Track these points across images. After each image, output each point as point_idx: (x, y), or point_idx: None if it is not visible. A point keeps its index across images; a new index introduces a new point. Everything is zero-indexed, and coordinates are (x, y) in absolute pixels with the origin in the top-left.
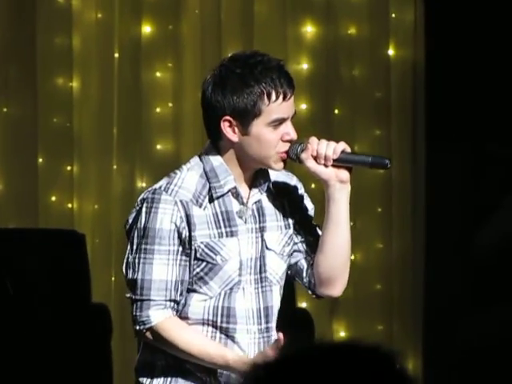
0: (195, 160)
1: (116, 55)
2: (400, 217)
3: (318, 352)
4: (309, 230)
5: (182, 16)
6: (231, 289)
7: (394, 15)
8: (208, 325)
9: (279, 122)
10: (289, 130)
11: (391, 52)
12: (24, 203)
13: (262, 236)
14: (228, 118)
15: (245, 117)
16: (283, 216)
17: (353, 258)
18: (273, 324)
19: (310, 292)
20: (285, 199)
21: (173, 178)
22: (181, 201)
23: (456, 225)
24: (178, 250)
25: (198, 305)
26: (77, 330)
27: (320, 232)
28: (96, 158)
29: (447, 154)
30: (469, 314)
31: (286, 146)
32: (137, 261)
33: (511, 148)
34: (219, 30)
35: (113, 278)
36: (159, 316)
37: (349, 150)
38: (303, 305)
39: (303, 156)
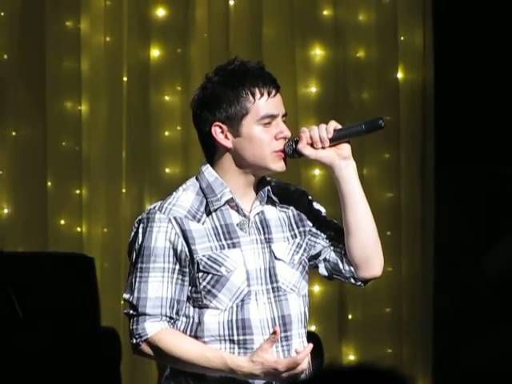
0: (191, 180)
1: (125, 79)
2: (409, 240)
3: (334, 376)
4: (326, 226)
5: (190, 39)
6: (242, 300)
7: (402, 38)
8: (225, 341)
9: (269, 118)
10: (281, 128)
11: (400, 75)
12: (33, 227)
13: (269, 247)
14: (218, 123)
15: (233, 118)
16: (289, 226)
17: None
18: (293, 332)
19: (353, 281)
20: (289, 210)
21: (168, 198)
22: (174, 217)
23: (465, 248)
24: (173, 269)
25: (211, 320)
26: (86, 355)
27: (339, 224)
28: (105, 181)
29: (456, 178)
30: (478, 338)
31: (281, 144)
32: (133, 280)
33: None
34: (228, 53)
35: (122, 302)
36: (155, 328)
37: (339, 126)
38: (312, 328)
39: (300, 146)
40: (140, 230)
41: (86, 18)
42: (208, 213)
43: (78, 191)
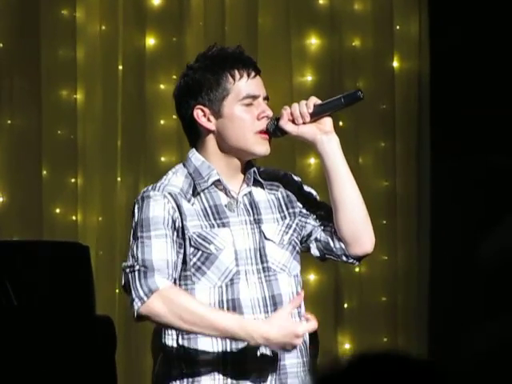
0: (179, 165)
1: (120, 67)
2: (405, 229)
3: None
4: (317, 207)
5: (186, 28)
6: (232, 280)
7: (398, 27)
8: None
9: (250, 99)
10: (263, 108)
11: (396, 64)
12: (28, 215)
13: (259, 227)
14: (199, 106)
15: (214, 100)
16: (279, 207)
17: (357, 269)
18: None
19: (345, 259)
20: (279, 192)
21: (159, 180)
22: (169, 193)
23: (461, 236)
24: (172, 238)
25: (202, 300)
26: (81, 342)
27: (329, 205)
28: (100, 170)
29: (452, 166)
30: (474, 326)
31: (264, 124)
32: (135, 248)
33: None
34: (223, 42)
35: (117, 290)
36: (165, 282)
37: (319, 101)
38: None
39: (281, 123)
40: (136, 209)
41: (82, 6)
42: (196, 194)
43: (73, 180)
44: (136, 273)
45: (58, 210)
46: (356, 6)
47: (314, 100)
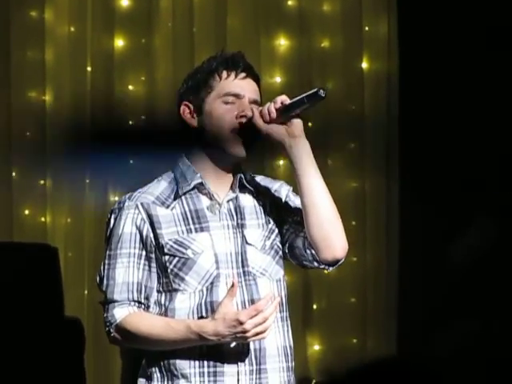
0: (167, 173)
1: (89, 68)
2: (373, 230)
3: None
4: (295, 212)
5: (154, 29)
6: (212, 283)
7: (367, 28)
8: None
9: (232, 97)
10: (244, 108)
11: (365, 65)
12: None
13: (242, 232)
14: (186, 102)
15: (199, 97)
16: (264, 213)
17: (326, 271)
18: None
19: (317, 265)
20: (268, 198)
21: (141, 188)
22: (142, 203)
23: (430, 237)
24: (139, 254)
25: (182, 306)
26: (49, 344)
27: None
28: (69, 171)
29: (421, 166)
30: (442, 327)
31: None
32: (102, 268)
33: (486, 158)
34: (192, 43)
35: (86, 292)
36: (123, 312)
37: (289, 100)
38: None
39: (254, 119)
40: (111, 220)
41: (51, 7)
42: (177, 197)
43: (42, 181)
44: (102, 307)
45: (26, 212)
46: (325, 6)
47: (283, 98)
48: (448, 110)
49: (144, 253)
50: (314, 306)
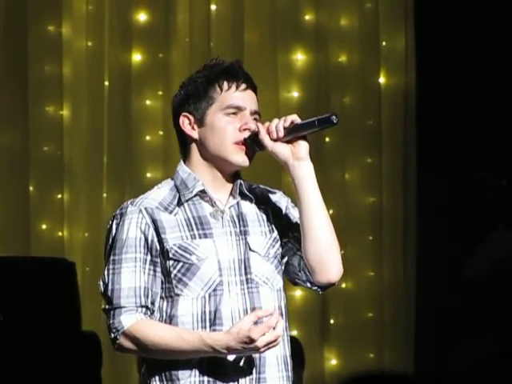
0: (167, 180)
1: (106, 83)
2: (391, 245)
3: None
4: (295, 228)
5: (172, 44)
6: (214, 290)
7: (384, 43)
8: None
9: (234, 109)
10: (246, 120)
11: (382, 80)
12: (15, 231)
13: (245, 239)
14: (185, 114)
15: (199, 109)
16: (267, 222)
17: (344, 285)
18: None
19: (309, 286)
20: (269, 208)
21: (143, 195)
22: (145, 208)
23: (447, 252)
24: (145, 259)
25: (184, 313)
26: (66, 359)
27: None
28: (86, 186)
29: (438, 182)
30: (461, 342)
31: (244, 136)
32: (106, 273)
33: (502, 176)
34: (209, 58)
35: (103, 306)
36: (131, 319)
37: (299, 120)
38: (294, 333)
39: (260, 136)
40: (113, 226)
41: (68, 22)
42: (180, 204)
43: (59, 196)
44: (106, 313)
45: (44, 226)
46: (342, 21)
47: (294, 117)
48: (465, 124)
49: (149, 257)
50: (332, 321)
